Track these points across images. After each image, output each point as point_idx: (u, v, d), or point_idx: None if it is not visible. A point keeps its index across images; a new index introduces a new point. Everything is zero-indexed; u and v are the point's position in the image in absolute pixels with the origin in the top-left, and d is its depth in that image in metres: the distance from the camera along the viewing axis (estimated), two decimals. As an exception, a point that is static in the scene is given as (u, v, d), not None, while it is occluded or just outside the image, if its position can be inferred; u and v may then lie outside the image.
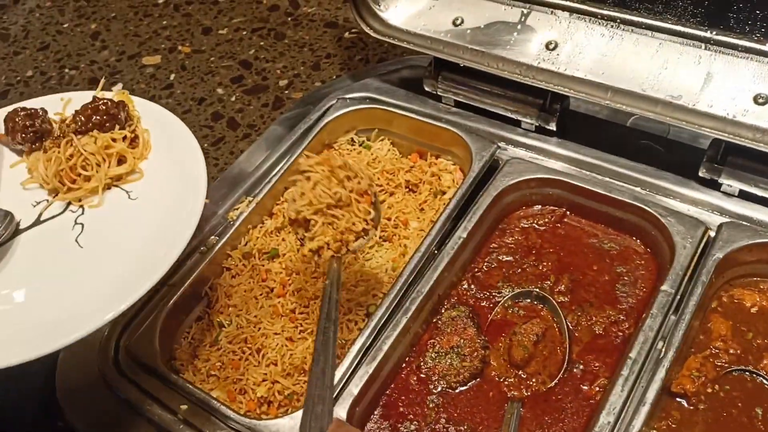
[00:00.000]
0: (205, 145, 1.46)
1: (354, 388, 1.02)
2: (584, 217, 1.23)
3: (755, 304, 1.07)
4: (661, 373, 0.96)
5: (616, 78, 1.16)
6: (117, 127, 1.09)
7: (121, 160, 1.07)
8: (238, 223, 1.25)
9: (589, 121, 1.32)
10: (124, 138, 1.08)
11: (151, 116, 1.14)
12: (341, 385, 1.02)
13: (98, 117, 1.09)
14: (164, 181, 1.05)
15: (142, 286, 0.90)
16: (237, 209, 1.28)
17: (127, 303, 0.89)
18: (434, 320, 1.14)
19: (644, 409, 0.93)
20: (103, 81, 1.20)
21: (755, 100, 1.06)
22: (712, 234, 1.10)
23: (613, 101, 1.16)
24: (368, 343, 1.06)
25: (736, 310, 1.07)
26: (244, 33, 1.73)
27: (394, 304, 1.10)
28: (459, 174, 1.33)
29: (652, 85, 1.13)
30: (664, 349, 0.98)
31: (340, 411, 1.00)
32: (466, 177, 1.23)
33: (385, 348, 1.06)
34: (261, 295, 1.19)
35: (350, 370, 1.03)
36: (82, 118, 1.09)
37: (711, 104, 1.09)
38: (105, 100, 1.10)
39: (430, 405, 1.05)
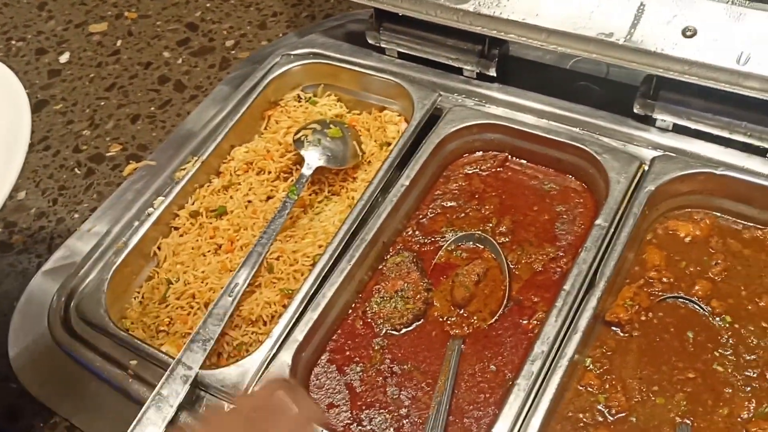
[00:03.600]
0: (152, 108, 1.46)
1: (299, 335, 1.04)
2: (526, 159, 1.25)
3: (689, 234, 1.10)
4: (592, 303, 0.99)
5: (550, 19, 1.16)
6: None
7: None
8: (183, 183, 1.25)
9: (530, 66, 1.33)
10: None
11: None
12: (286, 332, 1.05)
13: None
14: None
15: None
16: (183, 169, 1.29)
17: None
18: (379, 266, 1.16)
19: (576, 337, 0.96)
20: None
21: (683, 33, 1.07)
22: (647, 168, 1.12)
23: (548, 42, 1.17)
24: (312, 290, 1.08)
25: (671, 241, 1.10)
26: (191, -4, 1.72)
27: (338, 252, 1.12)
28: (404, 125, 1.33)
29: (584, 24, 1.14)
30: (596, 280, 1.01)
31: (285, 357, 1.02)
32: (408, 126, 1.25)
33: (330, 295, 1.08)
34: (209, 251, 1.20)
35: (295, 317, 1.05)
36: None
37: (641, 40, 1.10)
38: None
39: (376, 347, 1.08)
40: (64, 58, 1.65)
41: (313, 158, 1.26)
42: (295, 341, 1.04)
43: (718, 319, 1.01)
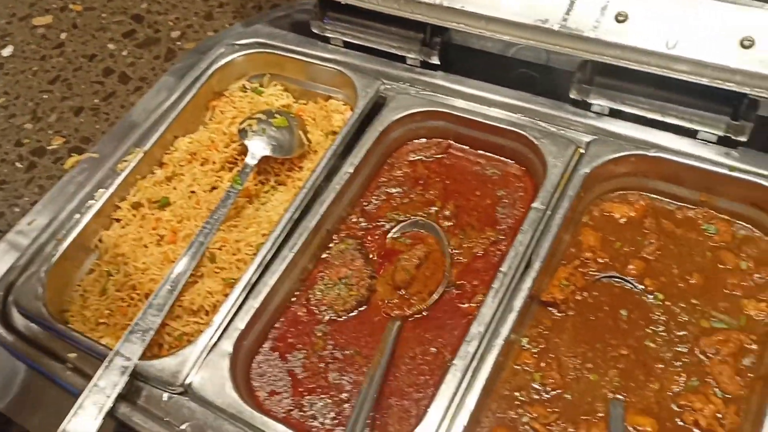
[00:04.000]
0: (96, 100, 1.44)
1: (240, 323, 1.04)
2: (468, 146, 1.27)
3: (624, 215, 1.13)
4: (527, 283, 1.00)
5: (488, 7, 1.18)
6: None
7: None
8: (125, 174, 1.24)
9: (473, 54, 1.35)
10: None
11: None
12: (227, 321, 1.05)
13: None
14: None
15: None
16: (126, 161, 1.27)
17: None
18: (323, 254, 1.16)
19: (511, 317, 0.98)
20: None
21: (616, 18, 1.09)
22: (583, 152, 1.14)
23: (487, 29, 1.18)
24: (254, 279, 1.08)
25: (606, 222, 1.13)
26: (137, -13, 1.70)
27: (280, 241, 1.12)
28: (350, 113, 1.33)
29: (521, 11, 1.15)
30: (531, 261, 1.03)
31: (226, 345, 1.02)
32: (351, 115, 1.25)
33: (271, 283, 1.08)
34: (151, 243, 1.19)
35: (236, 306, 1.05)
36: None
37: (575, 26, 1.11)
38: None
39: (318, 334, 1.08)
40: (7, 51, 1.61)
41: (258, 148, 1.25)
42: (236, 330, 1.04)
43: (650, 297, 1.03)
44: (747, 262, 1.05)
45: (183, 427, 0.97)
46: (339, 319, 1.09)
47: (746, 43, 1.03)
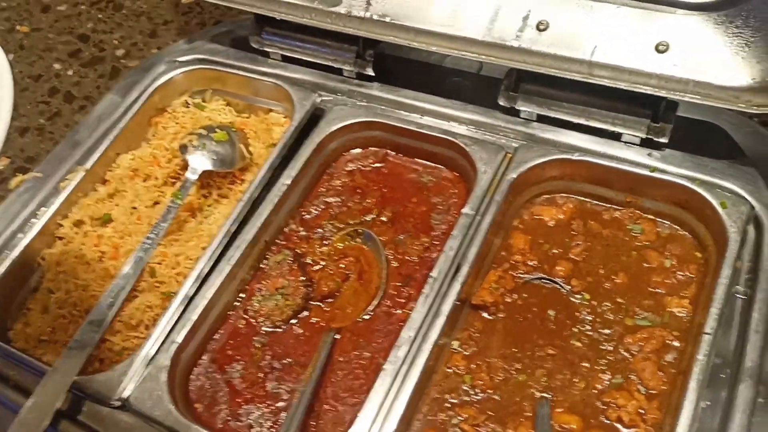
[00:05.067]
0: (41, 120, 1.45)
1: (178, 336, 1.05)
2: (405, 154, 1.29)
3: (552, 217, 1.16)
4: (456, 287, 1.03)
5: (416, 20, 1.21)
6: None
7: None
8: (67, 192, 1.25)
9: (409, 64, 1.37)
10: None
11: None
12: (165, 334, 1.06)
13: None
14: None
15: None
16: (68, 179, 1.28)
17: None
18: (261, 265, 1.18)
19: (439, 321, 1.00)
20: None
21: (537, 27, 1.13)
22: (511, 157, 1.17)
23: (416, 41, 1.21)
24: (192, 292, 1.10)
25: (536, 226, 1.16)
26: (83, 7, 1.70)
27: (218, 253, 1.14)
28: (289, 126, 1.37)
29: (447, 23, 1.18)
30: (460, 266, 1.06)
31: (164, 359, 1.03)
32: (288, 127, 1.28)
33: (209, 295, 1.10)
34: (93, 259, 1.21)
35: (174, 320, 1.07)
36: None
37: (500, 35, 1.15)
38: None
39: (257, 345, 1.10)
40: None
41: (198, 162, 1.27)
42: (173, 343, 1.05)
43: (577, 297, 1.07)
44: (671, 260, 1.08)
45: (121, 441, 0.99)
46: (277, 329, 1.12)
47: (661, 48, 1.06)
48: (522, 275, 1.10)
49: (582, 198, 1.17)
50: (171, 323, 1.07)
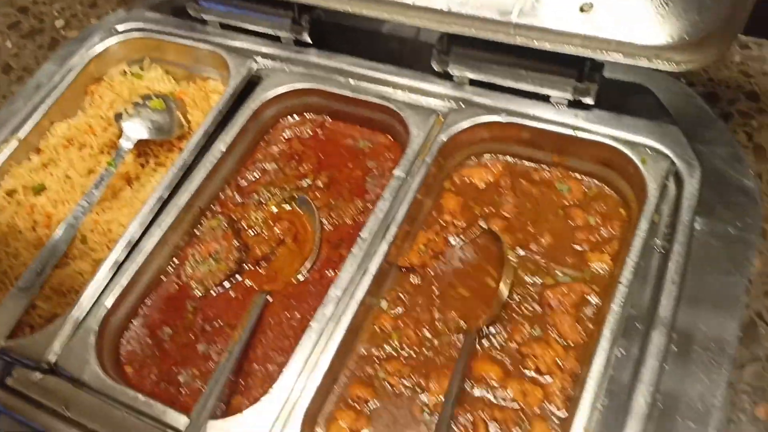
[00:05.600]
0: (-22, 92, 1.43)
1: (107, 301, 1.05)
2: (342, 120, 1.30)
3: (483, 179, 1.17)
4: (383, 247, 1.04)
5: (351, -16, 1.22)
6: None
7: None
8: (0, 162, 1.24)
9: (346, 30, 1.37)
10: None
11: None
12: (95, 299, 1.06)
13: None
14: None
15: None
16: (1, 148, 1.27)
17: None
18: (195, 231, 1.18)
19: (366, 280, 1.01)
20: None
21: (467, -10, 1.14)
22: (443, 121, 1.18)
23: (350, 6, 1.21)
24: (122, 258, 1.10)
25: (467, 188, 1.17)
26: (23, -22, 1.68)
27: (149, 219, 1.13)
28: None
29: (380, -14, 1.19)
30: (389, 226, 1.07)
31: (92, 323, 1.03)
32: (224, 94, 1.27)
33: (140, 260, 1.09)
34: (26, 228, 1.20)
35: (104, 285, 1.07)
36: None
37: (429, 0, 1.16)
38: None
39: (189, 309, 1.10)
40: None
41: (133, 130, 1.26)
42: (102, 307, 1.05)
43: (511, 253, 1.08)
44: (595, 218, 1.10)
45: (49, 405, 0.99)
46: (209, 293, 1.12)
47: (585, 8, 1.08)
48: (452, 237, 1.11)
49: (511, 159, 1.18)
50: (100, 288, 1.07)
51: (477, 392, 0.96)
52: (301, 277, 1.10)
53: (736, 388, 0.92)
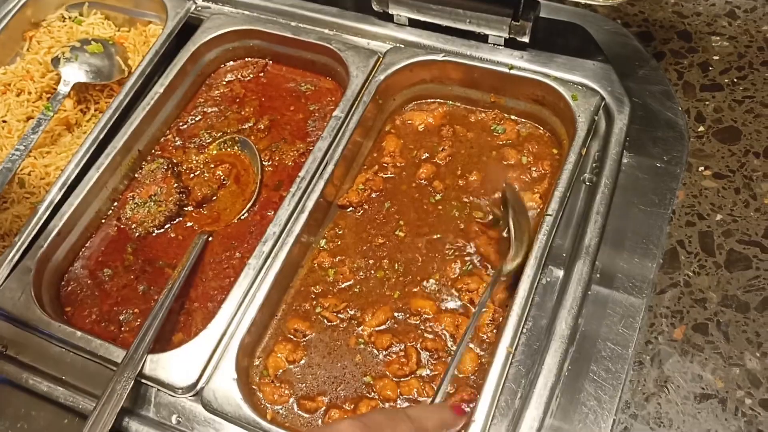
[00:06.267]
0: None
1: (43, 242, 1.05)
2: (284, 64, 1.29)
3: (423, 122, 1.18)
4: (319, 185, 1.05)
5: None
6: None
7: None
8: (-68, 108, 1.22)
9: (290, -27, 1.37)
10: None
11: None
12: (31, 239, 1.06)
13: None
14: None
15: None
16: (-66, 95, 1.25)
17: None
18: (135, 175, 1.18)
19: (302, 217, 1.03)
20: None
21: (404, -72, 1.13)
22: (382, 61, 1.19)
23: (289, -55, 1.21)
24: (58, 198, 1.09)
25: (407, 131, 1.18)
26: None
27: (84, 161, 1.13)
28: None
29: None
30: (326, 165, 1.08)
31: (29, 263, 1.03)
32: (160, 35, 1.26)
33: (76, 202, 1.09)
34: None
35: (39, 226, 1.07)
36: None
37: (367, -63, 1.15)
38: None
39: (129, 250, 1.11)
40: None
41: (70, 74, 1.24)
42: (39, 248, 1.05)
43: (437, 197, 1.10)
44: (527, 157, 1.12)
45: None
46: (149, 234, 1.12)
47: (518, -54, 1.08)
48: (389, 177, 1.13)
49: (451, 102, 1.20)
50: (36, 229, 1.07)
51: (412, 322, 0.99)
52: (242, 218, 1.12)
53: (656, 312, 0.96)
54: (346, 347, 0.98)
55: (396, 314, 1.00)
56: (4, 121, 1.23)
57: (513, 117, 1.16)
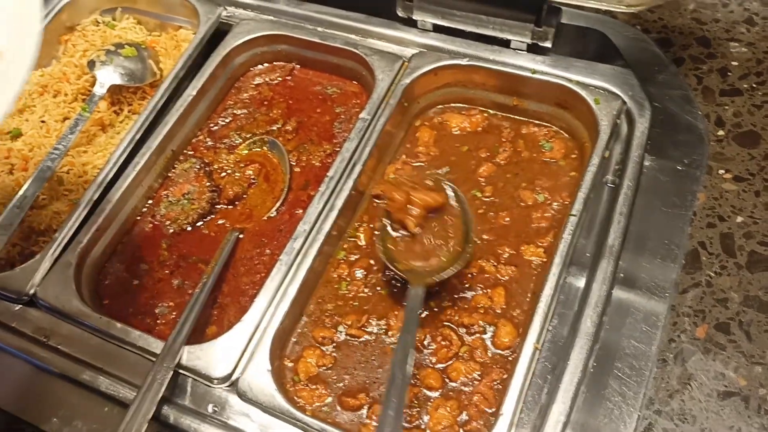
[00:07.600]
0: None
1: (83, 238, 1.09)
2: (311, 68, 1.33)
3: (457, 126, 1.21)
4: (349, 183, 1.09)
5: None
6: None
7: None
8: (-26, 108, 1.26)
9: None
10: None
11: None
12: (71, 235, 1.10)
13: None
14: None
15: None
16: (-25, 95, 1.29)
17: None
18: (169, 174, 1.22)
19: (332, 214, 1.07)
20: None
21: (430, -64, 1.17)
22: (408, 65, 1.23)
23: (315, -48, 1.25)
24: (96, 196, 1.13)
25: (441, 130, 1.22)
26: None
27: (122, 160, 1.17)
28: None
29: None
30: (354, 165, 1.11)
31: (70, 257, 1.08)
32: (193, 40, 1.30)
33: (114, 200, 1.13)
34: (3, 171, 1.22)
35: (79, 222, 1.11)
36: None
37: (394, -56, 1.19)
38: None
39: (164, 246, 1.15)
40: None
41: (106, 76, 1.29)
42: (79, 243, 1.09)
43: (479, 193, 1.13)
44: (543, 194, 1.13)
45: (30, 334, 1.04)
46: (183, 231, 1.16)
47: (543, -45, 1.11)
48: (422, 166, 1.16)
49: (473, 107, 1.23)
50: (76, 225, 1.11)
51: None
52: (271, 216, 1.16)
53: (678, 311, 0.99)
54: (382, 354, 1.00)
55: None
56: (42, 122, 1.27)
57: (534, 121, 1.20)
